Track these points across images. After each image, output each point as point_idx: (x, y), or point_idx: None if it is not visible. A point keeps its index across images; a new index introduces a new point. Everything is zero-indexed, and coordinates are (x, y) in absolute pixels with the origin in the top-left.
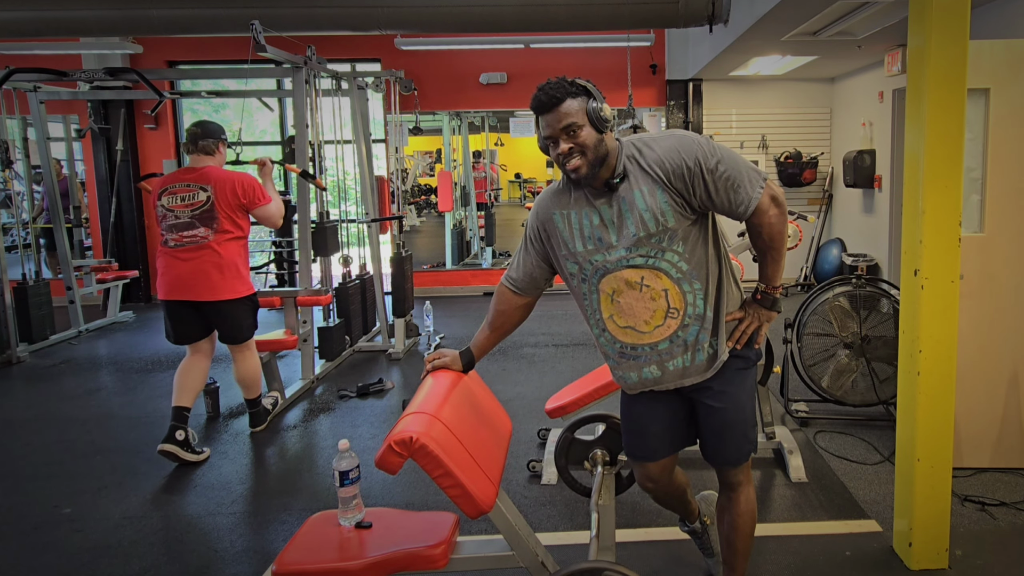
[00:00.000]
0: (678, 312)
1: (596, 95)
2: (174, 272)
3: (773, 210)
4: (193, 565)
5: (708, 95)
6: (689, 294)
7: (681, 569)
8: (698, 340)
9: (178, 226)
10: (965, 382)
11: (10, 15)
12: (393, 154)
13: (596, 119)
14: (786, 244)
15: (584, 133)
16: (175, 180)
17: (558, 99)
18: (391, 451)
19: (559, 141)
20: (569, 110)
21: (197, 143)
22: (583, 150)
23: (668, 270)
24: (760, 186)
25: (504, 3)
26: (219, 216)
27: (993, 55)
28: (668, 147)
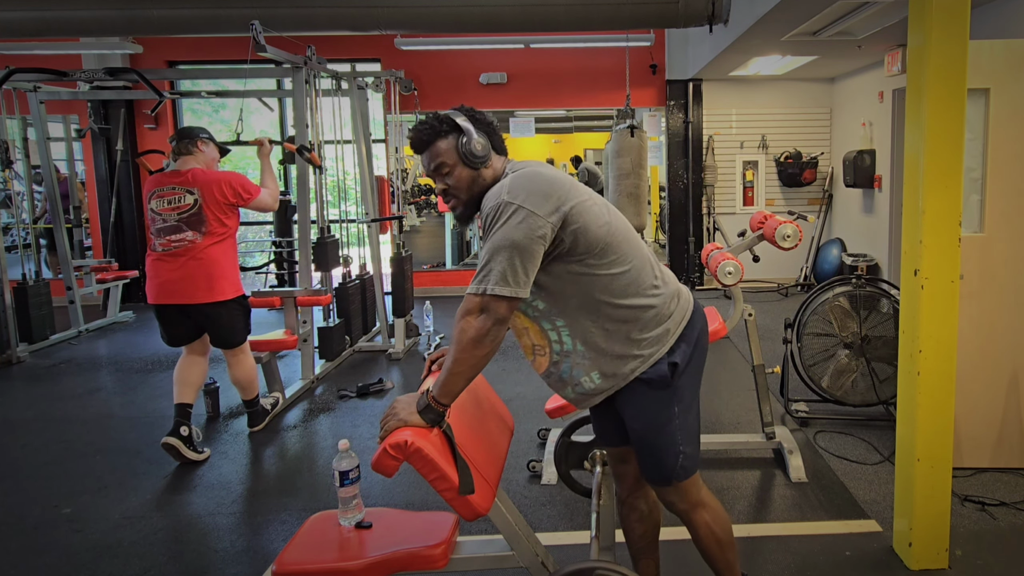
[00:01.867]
0: (544, 349)
1: (470, 130)
2: (161, 277)
3: (472, 318)
4: (193, 565)
5: (708, 95)
6: (552, 331)
7: (681, 569)
8: (573, 376)
9: (165, 230)
10: (965, 382)
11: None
12: (393, 154)
13: (467, 157)
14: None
15: (456, 173)
16: (163, 183)
17: (427, 141)
18: (386, 454)
19: (436, 180)
20: (438, 151)
21: (178, 148)
22: (455, 191)
23: (523, 310)
24: (484, 288)
25: (504, 3)
26: (208, 219)
27: (993, 55)
28: (494, 191)
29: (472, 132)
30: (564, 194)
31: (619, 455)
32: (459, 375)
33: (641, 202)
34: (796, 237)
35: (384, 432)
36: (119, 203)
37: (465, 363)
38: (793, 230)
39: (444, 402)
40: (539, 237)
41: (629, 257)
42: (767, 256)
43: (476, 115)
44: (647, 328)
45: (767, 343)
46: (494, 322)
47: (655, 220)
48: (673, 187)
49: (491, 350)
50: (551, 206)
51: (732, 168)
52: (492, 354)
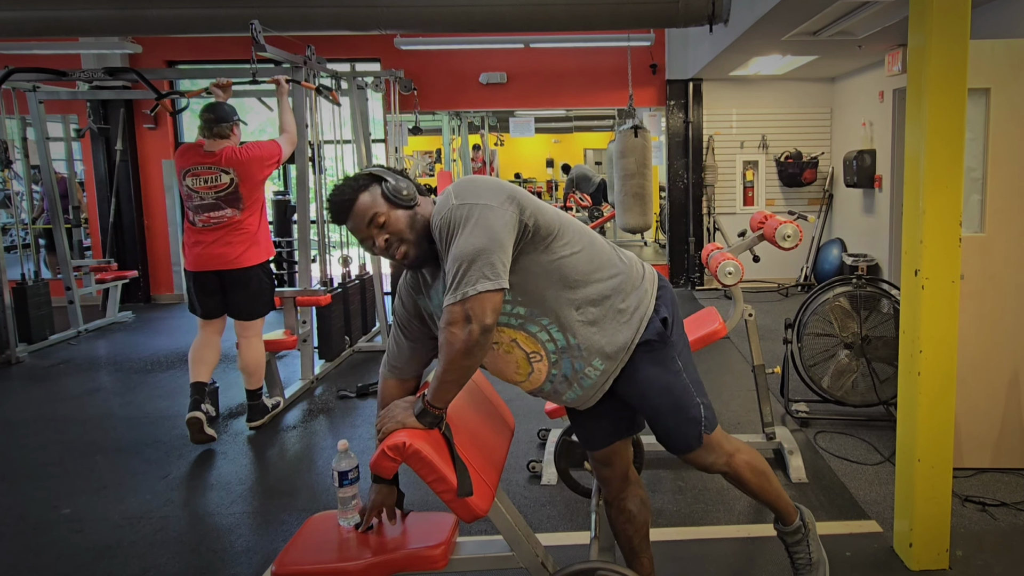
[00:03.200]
0: (539, 354)
1: (388, 175)
2: (202, 247)
3: (457, 328)
4: (193, 565)
5: (708, 95)
6: (541, 332)
7: (681, 569)
8: (576, 369)
9: (204, 207)
10: (965, 382)
11: (10, 15)
12: (393, 154)
13: (396, 197)
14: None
15: (393, 217)
16: (198, 162)
17: (349, 200)
18: (384, 456)
19: (374, 238)
20: (365, 204)
21: (212, 129)
22: (399, 235)
23: (506, 322)
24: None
25: (504, 3)
26: (244, 196)
27: (993, 55)
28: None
29: (388, 175)
30: (507, 187)
31: (604, 458)
32: (451, 383)
33: (647, 202)
34: (796, 237)
35: (382, 434)
36: (118, 203)
37: (456, 372)
38: (793, 230)
39: (439, 406)
40: (503, 226)
41: (581, 236)
42: (767, 256)
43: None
44: (627, 295)
45: (767, 343)
46: (481, 329)
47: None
48: (673, 187)
49: (480, 357)
50: (503, 196)
51: (732, 168)
52: (482, 358)
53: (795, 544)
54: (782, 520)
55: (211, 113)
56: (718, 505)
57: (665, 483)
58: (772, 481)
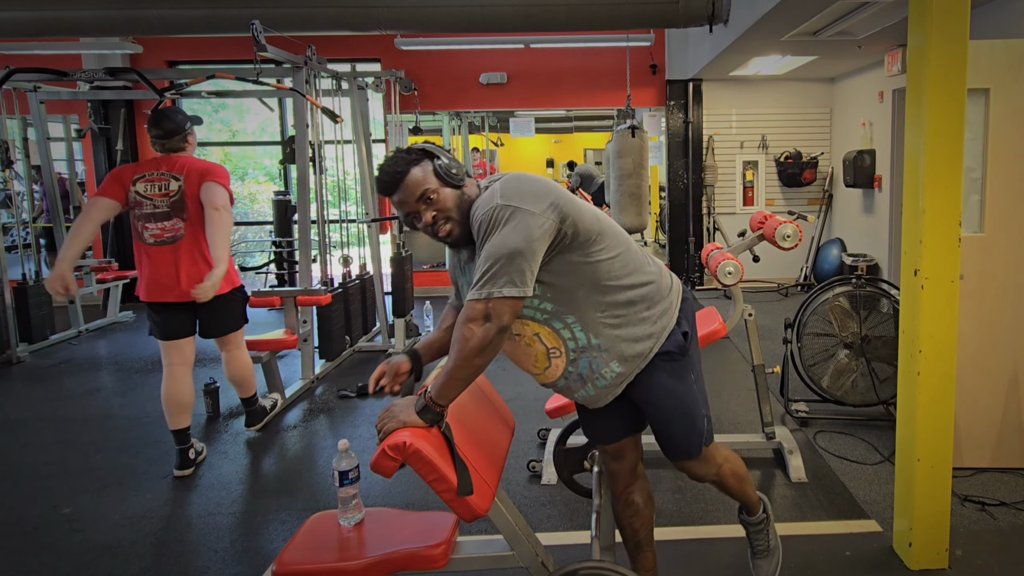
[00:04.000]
0: (559, 350)
1: (440, 153)
2: (155, 273)
3: (475, 326)
4: (193, 565)
5: (708, 95)
6: (564, 330)
7: (681, 568)
8: (593, 369)
9: (156, 216)
10: (965, 382)
11: (10, 15)
12: None
13: (447, 176)
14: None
15: (441, 196)
16: (152, 168)
17: (401, 173)
18: (385, 455)
19: (421, 213)
20: (416, 179)
21: (164, 145)
22: (447, 213)
23: (532, 316)
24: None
25: (504, 3)
26: (188, 206)
27: (993, 55)
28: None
29: (441, 153)
30: (553, 190)
31: (616, 451)
32: (459, 380)
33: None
34: (796, 237)
35: (383, 434)
36: None
37: (465, 370)
38: (793, 230)
39: (442, 404)
40: (540, 235)
41: (619, 241)
42: (767, 256)
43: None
44: (653, 304)
45: (767, 343)
46: (497, 330)
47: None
48: (673, 187)
49: (492, 357)
50: (546, 203)
51: (732, 168)
52: (492, 359)
53: (757, 533)
54: (748, 512)
55: (158, 128)
56: (718, 505)
57: (665, 483)
58: (748, 482)
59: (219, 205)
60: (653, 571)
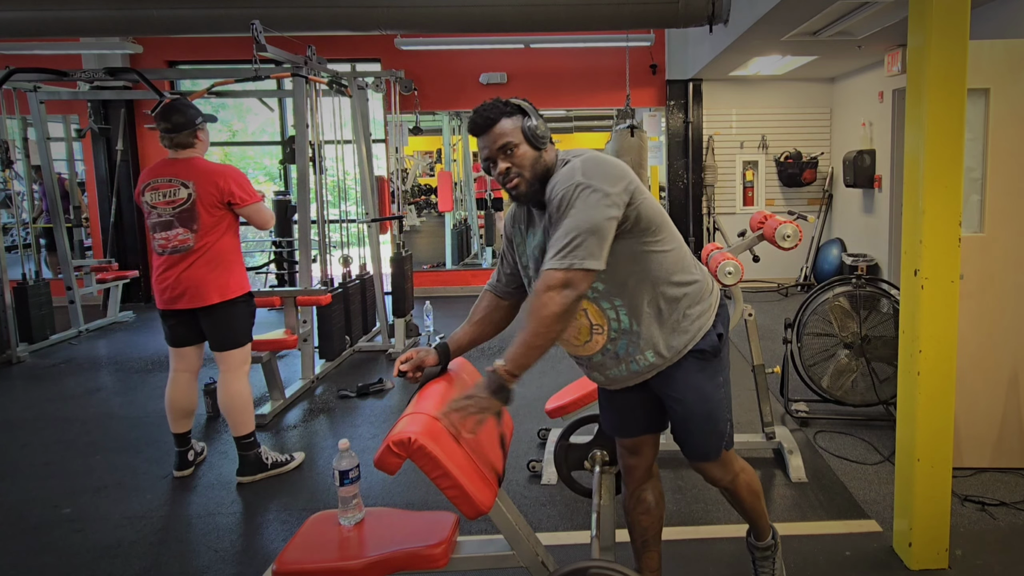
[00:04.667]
0: (602, 328)
1: (532, 113)
2: (166, 282)
3: (555, 293)
4: (193, 565)
5: (708, 95)
6: (610, 311)
7: (681, 568)
8: (629, 353)
9: (160, 224)
10: (965, 382)
11: (10, 15)
12: (393, 154)
13: (532, 137)
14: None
15: (520, 152)
16: (158, 174)
17: (492, 119)
18: (389, 452)
19: (497, 161)
20: (504, 129)
21: (172, 139)
22: (520, 169)
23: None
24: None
25: (504, 3)
26: (200, 215)
27: (993, 55)
28: (564, 172)
29: (532, 113)
30: (628, 174)
31: (634, 446)
32: (537, 348)
33: None
34: (796, 237)
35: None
36: (119, 203)
37: (544, 336)
38: (793, 230)
39: (517, 374)
40: (613, 216)
41: (675, 237)
42: (767, 256)
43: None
44: (695, 302)
45: (767, 343)
46: (575, 298)
47: None
48: (673, 187)
49: (567, 325)
50: (621, 186)
51: (732, 168)
52: (566, 330)
53: (763, 560)
54: (757, 535)
55: (166, 121)
56: (718, 505)
57: (665, 483)
58: (761, 501)
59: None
60: (657, 572)
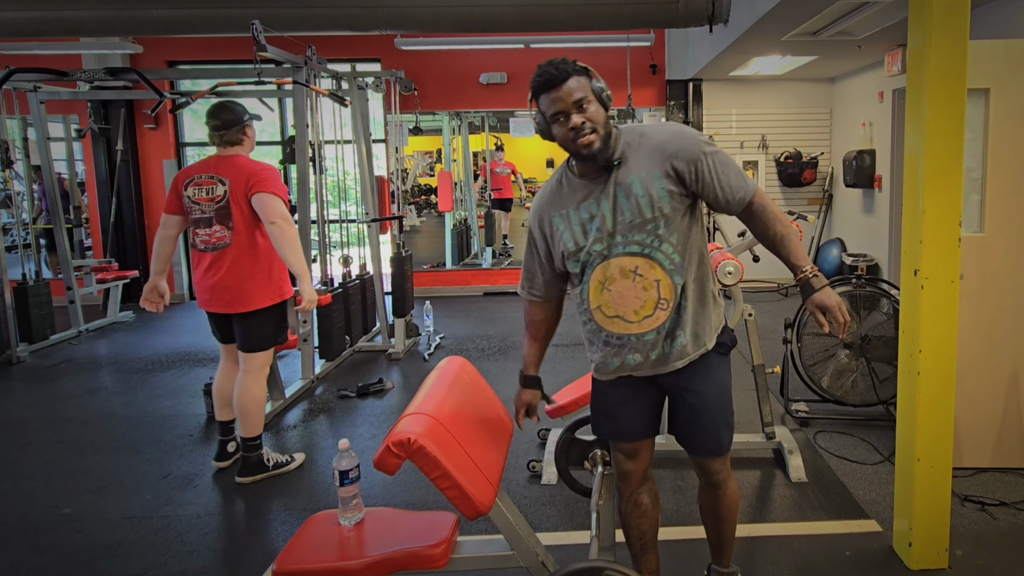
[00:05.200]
0: (668, 303)
1: (596, 75)
2: (205, 283)
3: (768, 199)
4: (193, 565)
5: (708, 95)
6: (677, 286)
7: (681, 568)
8: (674, 332)
9: (201, 221)
10: (965, 382)
11: (10, 15)
12: (393, 154)
13: (602, 98)
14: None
15: (593, 108)
16: (202, 170)
17: (567, 73)
18: (389, 452)
19: (570, 115)
20: (578, 85)
21: (222, 137)
22: (595, 125)
23: (663, 261)
24: (752, 182)
25: (504, 3)
26: (234, 213)
27: (993, 55)
28: (671, 132)
29: (597, 76)
30: None
31: (633, 451)
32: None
33: None
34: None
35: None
36: (119, 203)
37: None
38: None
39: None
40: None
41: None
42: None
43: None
44: (719, 298)
45: (767, 343)
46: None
47: None
48: None
49: None
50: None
51: None
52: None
53: None
54: (721, 562)
55: (216, 119)
56: None
57: (665, 483)
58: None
59: (275, 218)
60: (656, 573)
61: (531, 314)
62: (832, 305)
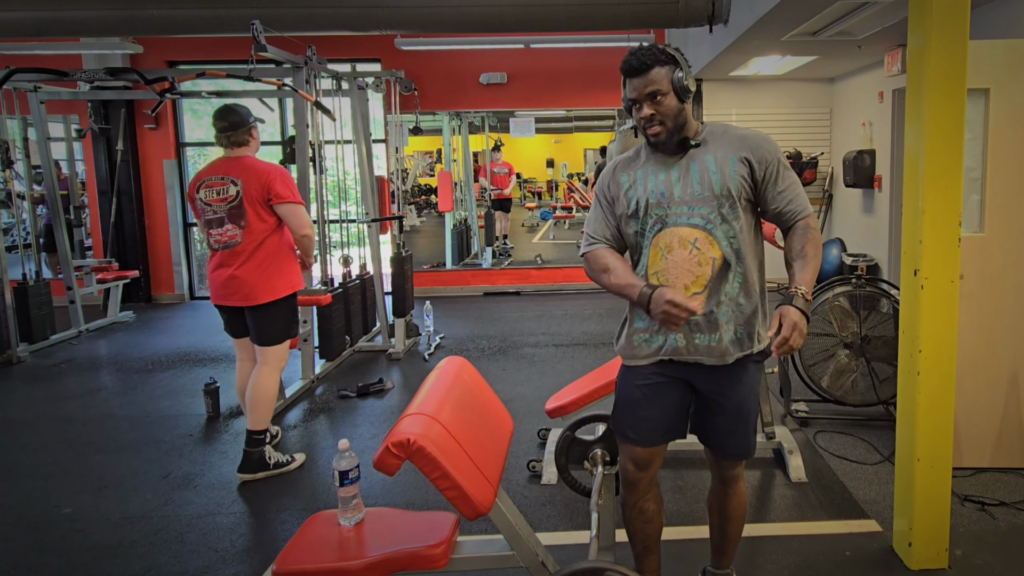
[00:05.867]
0: (719, 286)
1: (683, 65)
2: (219, 279)
3: (816, 227)
4: (193, 565)
5: (708, 95)
6: (731, 273)
7: (681, 569)
8: (728, 323)
9: (213, 222)
10: (965, 382)
11: (10, 15)
12: (393, 154)
13: (680, 88)
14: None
15: (667, 101)
16: (212, 172)
17: (647, 65)
18: (388, 453)
19: (643, 106)
20: (656, 77)
21: (229, 138)
22: (663, 118)
23: (722, 240)
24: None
25: (504, 3)
26: (247, 212)
27: (993, 55)
28: (756, 133)
29: (684, 66)
30: None
31: (649, 457)
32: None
33: None
34: None
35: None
36: (119, 203)
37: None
38: None
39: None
40: None
41: None
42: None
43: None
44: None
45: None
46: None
47: None
48: None
49: None
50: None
51: None
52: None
53: None
54: (720, 564)
55: (223, 121)
56: None
57: (665, 483)
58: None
59: (306, 230)
60: (657, 573)
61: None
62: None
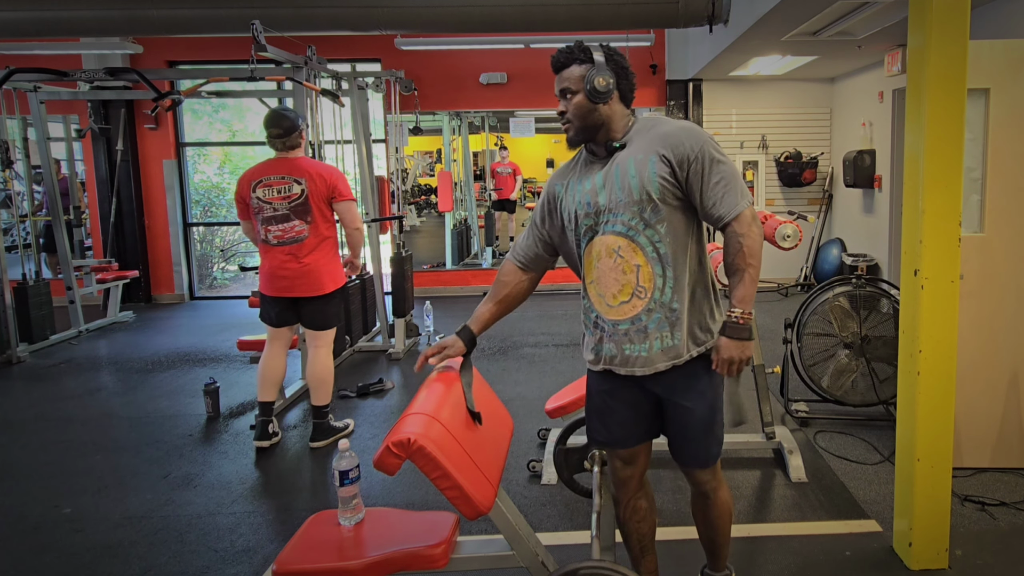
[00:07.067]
0: (645, 292)
1: (600, 64)
2: (277, 272)
3: (755, 227)
4: (193, 565)
5: (708, 95)
6: (660, 278)
7: (681, 569)
8: (659, 328)
9: (276, 218)
10: (965, 382)
11: (10, 15)
12: (393, 154)
13: (590, 91)
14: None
15: (576, 100)
16: (269, 172)
17: (562, 63)
18: (389, 452)
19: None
20: (568, 75)
21: (285, 143)
22: (572, 117)
23: (645, 246)
24: (749, 201)
25: (504, 3)
26: (312, 209)
27: (993, 55)
28: (680, 126)
29: (602, 68)
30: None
31: (629, 457)
32: (756, 280)
33: None
34: (796, 237)
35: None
36: (119, 203)
37: (757, 267)
38: (793, 230)
39: (751, 312)
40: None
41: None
42: (767, 256)
43: (615, 56)
44: (718, 304)
45: (767, 343)
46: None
47: None
48: None
49: None
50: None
51: None
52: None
53: None
54: (715, 567)
55: (277, 127)
56: None
57: (665, 483)
58: (730, 525)
59: (358, 224)
60: (655, 573)
61: (503, 273)
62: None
